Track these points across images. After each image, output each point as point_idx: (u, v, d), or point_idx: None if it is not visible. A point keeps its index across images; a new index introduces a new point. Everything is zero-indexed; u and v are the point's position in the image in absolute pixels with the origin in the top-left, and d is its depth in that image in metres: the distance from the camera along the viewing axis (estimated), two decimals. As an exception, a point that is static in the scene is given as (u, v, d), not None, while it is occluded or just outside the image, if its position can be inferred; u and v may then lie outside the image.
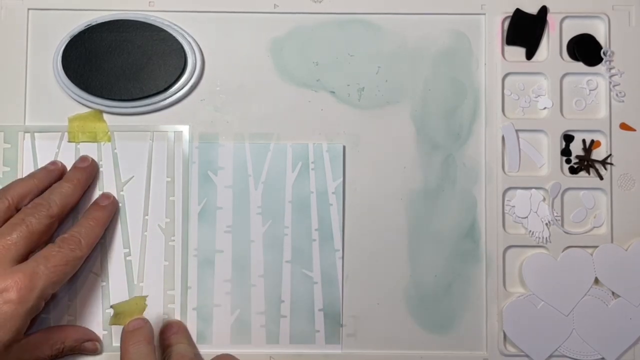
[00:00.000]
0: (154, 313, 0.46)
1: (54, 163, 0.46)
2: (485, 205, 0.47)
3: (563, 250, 0.47)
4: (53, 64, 0.47)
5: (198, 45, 0.47)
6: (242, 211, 0.47)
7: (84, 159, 0.46)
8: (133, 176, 0.47)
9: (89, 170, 0.46)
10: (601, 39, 0.48)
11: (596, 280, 0.47)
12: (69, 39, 0.47)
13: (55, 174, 0.45)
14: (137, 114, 0.47)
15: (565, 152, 0.48)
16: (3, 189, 0.43)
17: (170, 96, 0.47)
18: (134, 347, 0.41)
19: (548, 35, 0.48)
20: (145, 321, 0.43)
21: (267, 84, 0.48)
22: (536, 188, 0.47)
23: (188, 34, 0.47)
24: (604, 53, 0.48)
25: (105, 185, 0.47)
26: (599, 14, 0.48)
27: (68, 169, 0.46)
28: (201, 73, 0.48)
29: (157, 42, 0.47)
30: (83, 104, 0.47)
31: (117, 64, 0.47)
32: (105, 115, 0.47)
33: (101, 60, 0.47)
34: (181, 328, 0.46)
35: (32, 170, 0.46)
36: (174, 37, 0.47)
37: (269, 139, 0.47)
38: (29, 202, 0.43)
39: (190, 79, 0.47)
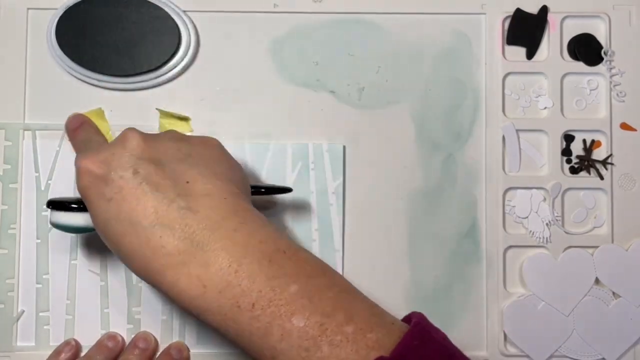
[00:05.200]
0: (152, 314, 0.46)
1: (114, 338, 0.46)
2: (485, 205, 0.47)
3: (563, 251, 0.47)
4: (47, 35, 0.47)
5: (193, 24, 0.47)
6: (242, 211, 0.47)
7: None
8: (133, 176, 0.47)
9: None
10: (602, 38, 0.48)
11: (597, 281, 0.47)
12: (64, 9, 0.46)
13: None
14: (128, 90, 0.47)
15: (566, 152, 0.48)
16: None
17: (163, 74, 0.47)
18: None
19: (548, 35, 0.48)
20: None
21: (267, 83, 0.48)
22: (537, 188, 0.47)
23: (183, 12, 0.47)
24: (604, 53, 0.48)
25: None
26: (599, 14, 0.48)
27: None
28: (195, 53, 0.47)
29: (152, 19, 0.47)
30: (75, 77, 0.47)
31: (111, 39, 0.46)
32: (99, 93, 0.47)
33: (95, 34, 0.46)
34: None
35: (32, 168, 0.46)
36: (169, 15, 0.46)
37: (268, 139, 0.47)
38: None
39: (184, 58, 0.47)
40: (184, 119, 0.47)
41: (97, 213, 0.35)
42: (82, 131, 0.44)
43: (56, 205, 0.40)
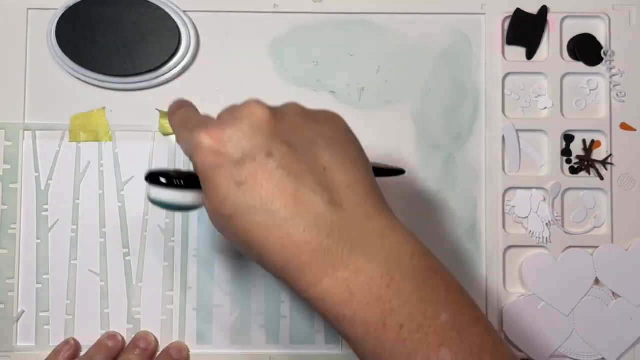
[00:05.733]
0: (152, 314, 0.46)
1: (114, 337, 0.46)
2: (485, 206, 0.47)
3: (563, 251, 0.47)
4: (47, 35, 0.47)
5: (193, 24, 0.47)
6: (242, 211, 0.47)
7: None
8: (134, 176, 0.47)
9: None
10: (601, 38, 0.48)
11: (596, 281, 0.47)
12: (64, 9, 0.47)
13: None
14: (128, 90, 0.47)
15: (566, 152, 0.48)
16: None
17: (163, 74, 0.47)
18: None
19: (548, 35, 0.48)
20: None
21: (267, 84, 0.48)
22: (536, 188, 0.47)
23: (183, 12, 0.47)
24: (604, 53, 0.48)
25: (106, 184, 0.47)
26: (599, 14, 0.48)
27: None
28: (195, 53, 0.47)
29: (152, 19, 0.47)
30: (76, 77, 0.47)
31: (111, 39, 0.46)
32: (99, 93, 0.47)
33: (95, 34, 0.46)
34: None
35: (32, 168, 0.46)
36: (169, 15, 0.47)
37: (269, 139, 0.47)
38: None
39: (184, 58, 0.47)
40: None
41: (224, 197, 0.30)
42: (182, 111, 0.38)
43: (158, 179, 0.34)
